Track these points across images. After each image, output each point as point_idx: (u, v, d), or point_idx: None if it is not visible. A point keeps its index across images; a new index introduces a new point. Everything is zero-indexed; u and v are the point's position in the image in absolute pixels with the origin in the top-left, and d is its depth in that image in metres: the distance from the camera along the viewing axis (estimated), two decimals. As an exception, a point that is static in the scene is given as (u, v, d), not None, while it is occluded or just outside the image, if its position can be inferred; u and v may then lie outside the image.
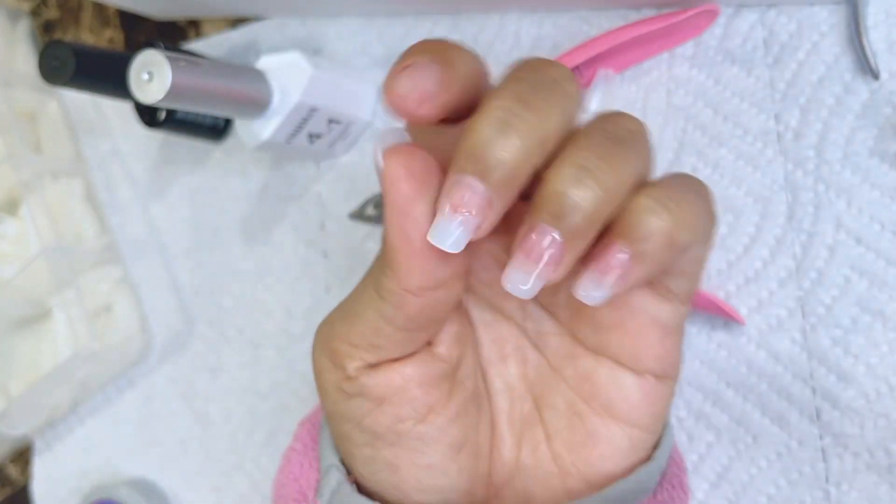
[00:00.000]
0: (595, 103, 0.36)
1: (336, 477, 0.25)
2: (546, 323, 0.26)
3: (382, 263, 0.22)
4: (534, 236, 0.19)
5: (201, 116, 0.43)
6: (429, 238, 0.20)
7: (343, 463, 0.26)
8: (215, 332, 0.44)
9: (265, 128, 0.38)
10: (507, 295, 0.25)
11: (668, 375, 0.25)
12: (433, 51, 0.19)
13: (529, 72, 0.20)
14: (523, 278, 0.20)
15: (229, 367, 0.44)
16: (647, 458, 0.25)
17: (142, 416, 0.46)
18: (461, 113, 0.21)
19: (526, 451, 0.26)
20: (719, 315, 0.33)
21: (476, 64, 0.21)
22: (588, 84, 0.36)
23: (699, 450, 0.33)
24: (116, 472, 0.46)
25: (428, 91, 0.19)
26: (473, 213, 0.19)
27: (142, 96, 0.34)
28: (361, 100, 0.41)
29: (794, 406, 0.32)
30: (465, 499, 0.25)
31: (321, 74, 0.38)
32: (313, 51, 0.43)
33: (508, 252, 0.20)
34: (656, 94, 0.35)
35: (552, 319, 0.26)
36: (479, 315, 0.26)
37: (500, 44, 0.38)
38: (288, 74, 0.38)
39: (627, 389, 0.24)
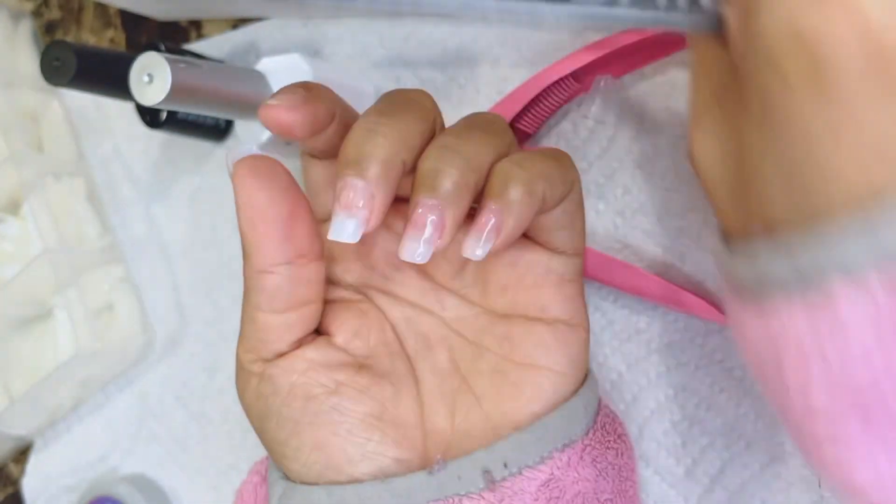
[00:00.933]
0: (595, 108, 0.36)
1: (281, 485, 0.27)
2: (461, 308, 0.29)
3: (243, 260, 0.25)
4: (419, 210, 0.23)
5: (203, 117, 0.43)
6: (329, 236, 0.23)
7: (286, 476, 0.27)
8: (214, 331, 0.45)
9: (265, 129, 0.38)
10: (425, 292, 0.29)
11: (576, 322, 0.28)
12: (298, 84, 0.25)
13: (389, 96, 0.25)
14: (416, 246, 0.23)
15: (227, 367, 0.44)
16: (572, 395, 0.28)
17: (141, 414, 0.46)
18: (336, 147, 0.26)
19: (459, 418, 0.28)
20: (714, 320, 0.33)
21: (335, 96, 0.26)
22: (587, 89, 0.36)
23: (693, 454, 0.34)
24: (115, 470, 0.46)
25: (295, 102, 0.24)
26: (360, 206, 0.23)
27: (142, 98, 0.34)
28: (361, 101, 0.41)
29: (788, 411, 0.32)
30: (397, 465, 0.27)
31: (321, 76, 0.38)
32: (314, 52, 0.43)
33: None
34: (654, 100, 0.35)
35: (465, 302, 0.29)
36: (400, 312, 0.29)
37: (498, 48, 0.38)
38: (288, 76, 0.38)
39: (541, 337, 0.27)
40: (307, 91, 0.25)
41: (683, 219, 0.35)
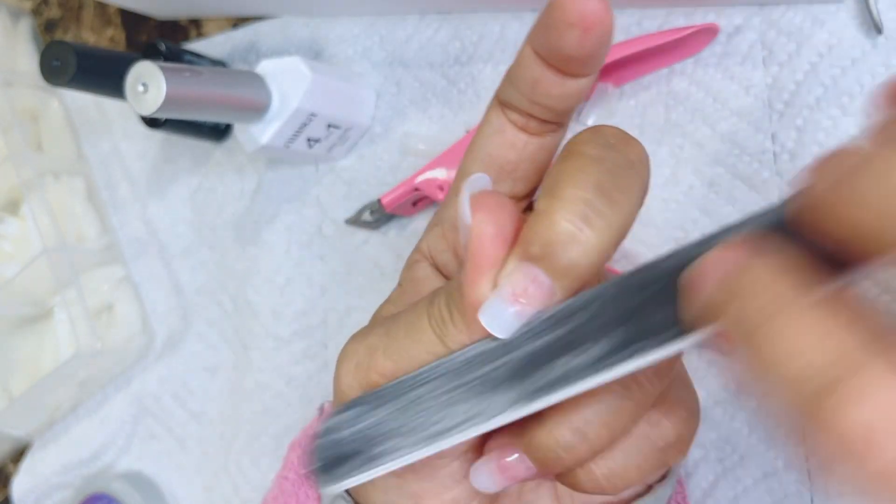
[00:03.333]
0: (592, 118, 0.36)
1: None
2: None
3: (450, 307, 0.20)
4: (513, 461, 0.21)
5: (202, 118, 0.43)
6: (479, 316, 0.19)
7: (348, 492, 0.25)
8: (214, 331, 0.45)
9: (264, 132, 0.38)
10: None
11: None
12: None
13: (609, 150, 0.19)
14: (489, 482, 0.22)
15: (225, 367, 0.44)
16: (647, 491, 0.26)
17: (138, 413, 0.46)
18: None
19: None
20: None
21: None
22: (588, 97, 0.36)
23: (686, 467, 0.34)
24: (110, 467, 0.47)
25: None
26: (533, 303, 0.18)
27: (138, 107, 0.34)
28: (360, 105, 0.41)
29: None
30: None
31: (321, 80, 0.38)
32: (314, 54, 0.43)
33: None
34: (654, 110, 0.35)
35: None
36: None
37: (499, 53, 0.38)
38: (287, 79, 0.38)
39: None
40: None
41: (682, 229, 0.34)
